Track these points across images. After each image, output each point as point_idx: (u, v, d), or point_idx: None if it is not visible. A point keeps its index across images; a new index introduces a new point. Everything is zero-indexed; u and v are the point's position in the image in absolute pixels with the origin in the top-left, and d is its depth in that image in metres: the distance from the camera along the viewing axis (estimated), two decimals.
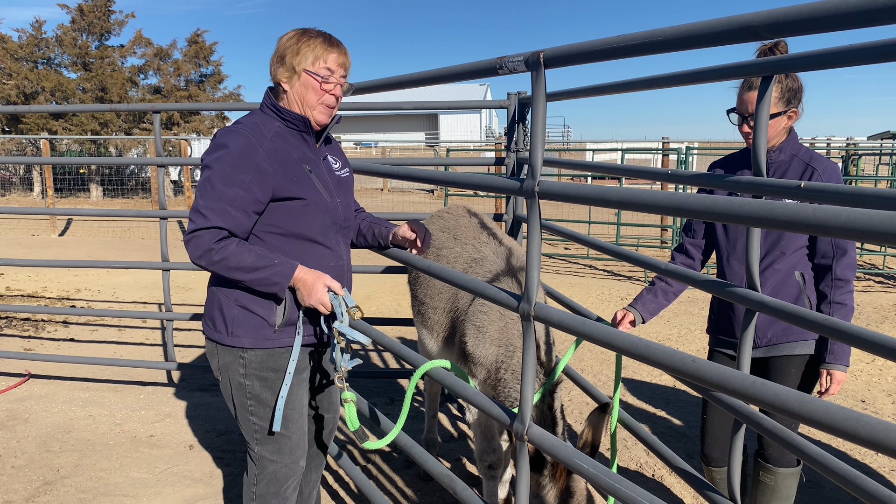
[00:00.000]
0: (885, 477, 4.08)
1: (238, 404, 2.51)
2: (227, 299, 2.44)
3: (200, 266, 2.33)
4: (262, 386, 2.47)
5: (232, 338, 2.43)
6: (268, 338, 2.44)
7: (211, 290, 2.52)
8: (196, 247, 2.28)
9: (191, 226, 2.30)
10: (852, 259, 2.72)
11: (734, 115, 2.75)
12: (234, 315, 2.42)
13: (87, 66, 23.66)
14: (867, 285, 9.95)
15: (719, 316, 3.01)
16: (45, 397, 5.20)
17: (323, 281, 2.38)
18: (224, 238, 2.29)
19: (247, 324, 2.42)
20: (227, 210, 2.28)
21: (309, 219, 2.45)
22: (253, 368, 2.46)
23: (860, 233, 1.13)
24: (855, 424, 1.18)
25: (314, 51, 2.41)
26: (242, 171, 2.30)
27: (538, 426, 2.04)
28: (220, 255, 2.27)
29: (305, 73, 2.41)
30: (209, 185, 2.30)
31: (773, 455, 2.90)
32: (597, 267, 11.27)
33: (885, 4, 1.07)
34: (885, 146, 16.74)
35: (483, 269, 3.08)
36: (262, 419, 2.49)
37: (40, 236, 14.25)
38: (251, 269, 2.28)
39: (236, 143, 2.33)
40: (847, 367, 2.71)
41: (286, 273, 2.32)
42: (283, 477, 2.56)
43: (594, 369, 6.01)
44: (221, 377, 2.54)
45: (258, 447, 2.52)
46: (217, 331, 2.46)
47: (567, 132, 47.15)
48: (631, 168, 2.98)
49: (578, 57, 1.78)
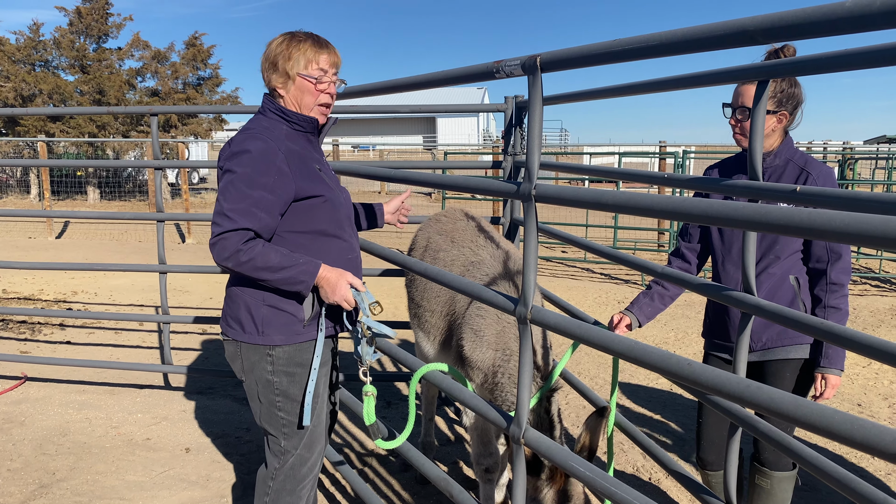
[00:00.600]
0: (881, 480, 4.08)
1: (266, 401, 2.55)
2: (255, 300, 2.48)
3: (226, 268, 2.36)
4: (290, 381, 2.52)
5: (263, 336, 2.48)
6: (298, 333, 2.50)
7: (233, 292, 2.55)
8: (223, 248, 2.31)
9: (216, 229, 2.33)
10: (847, 263, 2.72)
11: (727, 109, 2.77)
12: (264, 314, 2.47)
13: (85, 68, 23.64)
14: (863, 289, 9.97)
15: (714, 320, 3.02)
16: (42, 400, 5.19)
17: (346, 279, 2.44)
18: (251, 240, 2.34)
19: (277, 322, 2.47)
20: (253, 212, 2.33)
21: (328, 214, 2.53)
22: (280, 365, 2.50)
23: (855, 237, 1.13)
24: (850, 428, 1.18)
25: (305, 54, 2.46)
26: (265, 174, 2.35)
27: (535, 430, 2.04)
28: (248, 255, 2.31)
29: (299, 76, 2.47)
30: (233, 188, 2.34)
31: (769, 459, 2.90)
32: (594, 270, 11.28)
33: (879, 10, 1.08)
34: (881, 151, 16.79)
35: (480, 273, 3.09)
36: (289, 414, 2.55)
37: (37, 239, 14.23)
38: (277, 269, 2.33)
39: (256, 147, 2.38)
40: (842, 370, 2.71)
41: (311, 272, 2.38)
42: (301, 476, 2.61)
43: (591, 372, 6.01)
44: (247, 377, 2.57)
45: (285, 441, 2.57)
46: (246, 332, 2.49)
47: (564, 135, 47.22)
48: (627, 172, 2.99)
49: (575, 61, 1.79)
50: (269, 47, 2.51)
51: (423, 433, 4.18)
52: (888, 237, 1.08)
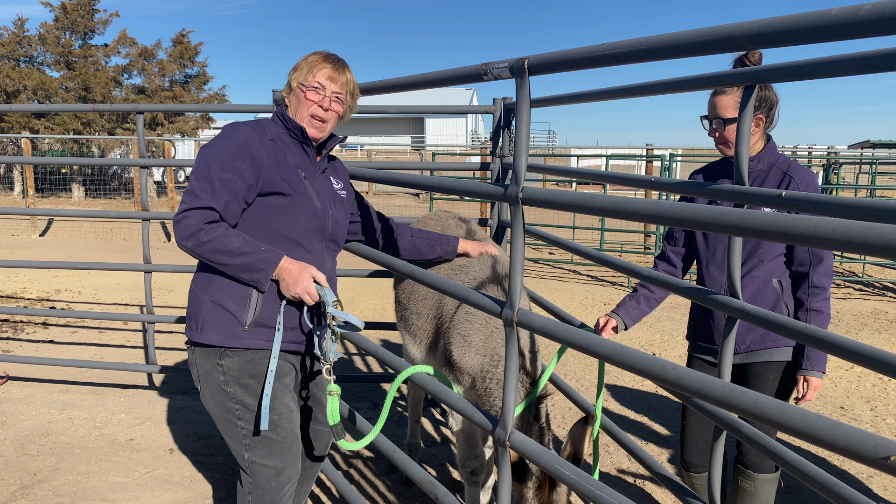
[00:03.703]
0: (863, 483, 4.12)
1: (224, 410, 2.46)
2: (203, 294, 2.43)
3: (186, 248, 2.32)
4: (245, 392, 2.45)
5: (201, 334, 2.41)
6: (237, 336, 2.40)
7: (191, 288, 2.53)
8: (185, 227, 2.29)
9: (181, 206, 2.32)
10: (829, 267, 2.76)
11: (706, 121, 2.83)
12: (206, 311, 2.41)
13: (71, 65, 23.45)
14: (847, 293, 10.06)
15: (698, 323, 3.04)
16: (23, 400, 5.13)
17: (309, 272, 2.39)
18: (214, 221, 2.32)
19: (217, 320, 2.40)
20: (219, 192, 2.32)
21: (292, 218, 2.47)
22: (232, 376, 2.43)
23: (839, 243, 1.14)
24: (832, 433, 1.19)
25: (309, 65, 2.53)
26: (239, 159, 2.37)
27: (520, 433, 2.03)
28: (209, 235, 2.28)
29: (298, 86, 2.53)
30: (205, 167, 2.35)
31: (752, 461, 2.92)
32: (581, 272, 11.31)
33: (864, 18, 1.09)
34: (866, 155, 16.96)
35: (467, 276, 3.08)
36: (249, 423, 2.45)
37: (20, 236, 14.08)
38: (238, 254, 2.29)
39: (237, 134, 2.42)
40: (824, 373, 2.75)
41: (272, 260, 2.34)
42: (278, 485, 2.50)
43: (577, 374, 6.03)
44: (202, 386, 2.50)
45: (248, 453, 2.47)
46: (191, 328, 2.46)
47: (552, 137, 47.35)
48: (614, 175, 2.99)
49: (563, 64, 1.79)
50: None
51: (408, 435, 4.17)
52: (871, 243, 1.09)
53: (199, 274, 2.50)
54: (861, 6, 1.09)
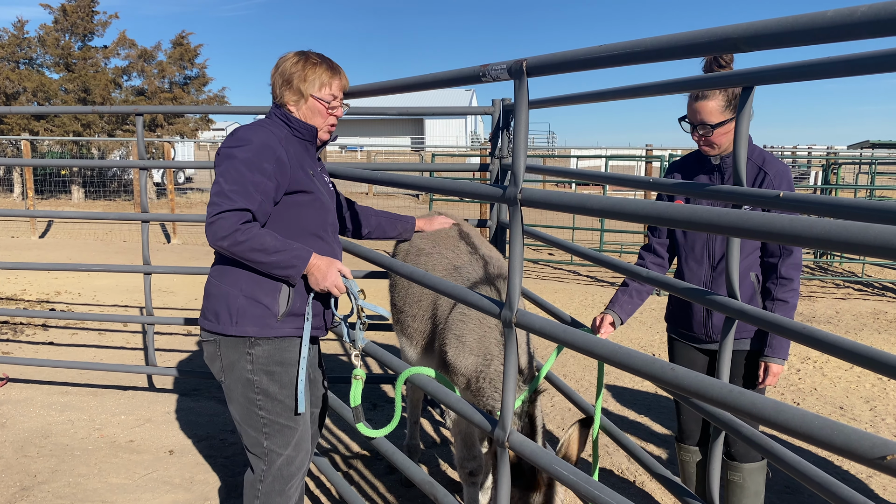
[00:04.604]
0: (863, 482, 4.12)
1: (246, 401, 2.56)
2: (233, 290, 2.52)
3: (220, 248, 2.40)
4: (270, 380, 2.54)
5: (236, 327, 2.50)
6: (272, 326, 2.53)
7: (212, 287, 2.59)
8: (221, 228, 2.35)
9: (214, 209, 2.37)
10: (798, 259, 2.83)
11: (686, 124, 2.85)
12: (240, 305, 2.50)
13: (70, 66, 23.44)
14: (846, 293, 10.06)
15: (677, 307, 3.13)
16: (23, 401, 5.14)
17: (336, 266, 2.53)
18: (248, 221, 2.40)
19: (251, 313, 2.50)
20: (252, 193, 2.40)
21: (314, 213, 2.62)
22: (260, 364, 2.52)
23: (834, 243, 1.15)
24: (830, 433, 1.19)
25: (320, 77, 2.62)
26: (265, 161, 2.45)
27: (519, 433, 2.04)
28: (245, 235, 2.36)
29: (313, 98, 2.62)
30: (234, 170, 2.41)
31: (738, 452, 2.99)
32: (580, 273, 11.31)
33: (860, 20, 1.09)
34: (865, 155, 16.96)
35: (464, 277, 3.08)
36: (270, 413, 2.56)
37: (20, 238, 14.08)
38: (272, 251, 2.40)
39: (258, 136, 2.49)
40: (785, 360, 2.84)
41: (304, 257, 2.46)
42: (289, 475, 2.62)
43: (576, 375, 6.03)
44: (226, 377, 2.58)
45: (267, 441, 2.57)
46: (220, 322, 2.52)
47: (552, 138, 47.38)
48: (614, 176, 3.01)
49: (561, 66, 1.79)
50: (283, 64, 2.63)
51: (407, 436, 4.17)
52: (867, 244, 1.09)
53: (219, 269, 2.57)
54: (856, 8, 1.10)
